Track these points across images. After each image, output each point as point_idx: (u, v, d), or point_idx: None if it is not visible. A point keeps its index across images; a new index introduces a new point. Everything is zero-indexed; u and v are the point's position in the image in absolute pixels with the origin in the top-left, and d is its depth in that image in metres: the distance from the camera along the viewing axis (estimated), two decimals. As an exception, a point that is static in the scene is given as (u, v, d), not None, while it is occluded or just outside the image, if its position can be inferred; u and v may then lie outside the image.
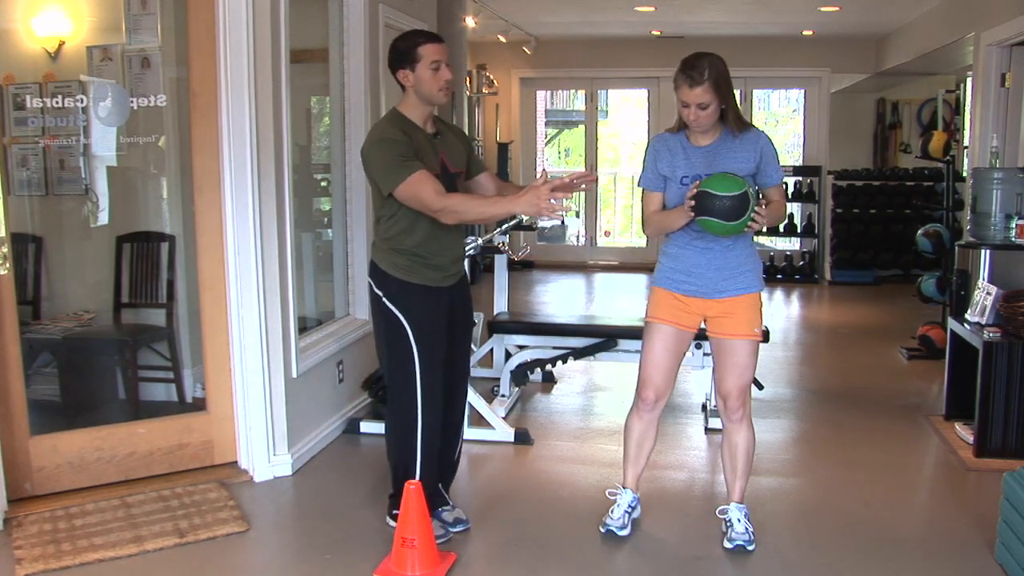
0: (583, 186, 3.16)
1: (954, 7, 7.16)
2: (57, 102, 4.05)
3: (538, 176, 2.99)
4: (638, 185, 3.29)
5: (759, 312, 3.21)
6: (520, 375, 4.91)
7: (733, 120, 3.09)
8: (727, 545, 3.27)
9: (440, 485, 3.45)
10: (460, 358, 3.48)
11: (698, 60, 3.00)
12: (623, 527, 3.35)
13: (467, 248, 4.09)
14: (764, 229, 3.21)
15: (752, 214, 2.95)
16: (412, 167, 3.03)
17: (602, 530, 3.36)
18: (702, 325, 3.27)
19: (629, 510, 3.38)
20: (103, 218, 4.75)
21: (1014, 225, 4.80)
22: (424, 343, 3.22)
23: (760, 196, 3.07)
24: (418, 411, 3.24)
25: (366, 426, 4.54)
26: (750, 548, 3.24)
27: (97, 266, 4.86)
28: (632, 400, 3.36)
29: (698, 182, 3.02)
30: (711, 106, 3.00)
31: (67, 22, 4.39)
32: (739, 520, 3.28)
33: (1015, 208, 4.97)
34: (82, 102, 4.07)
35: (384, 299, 3.23)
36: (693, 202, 2.98)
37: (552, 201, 2.91)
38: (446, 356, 3.34)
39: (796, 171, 10.37)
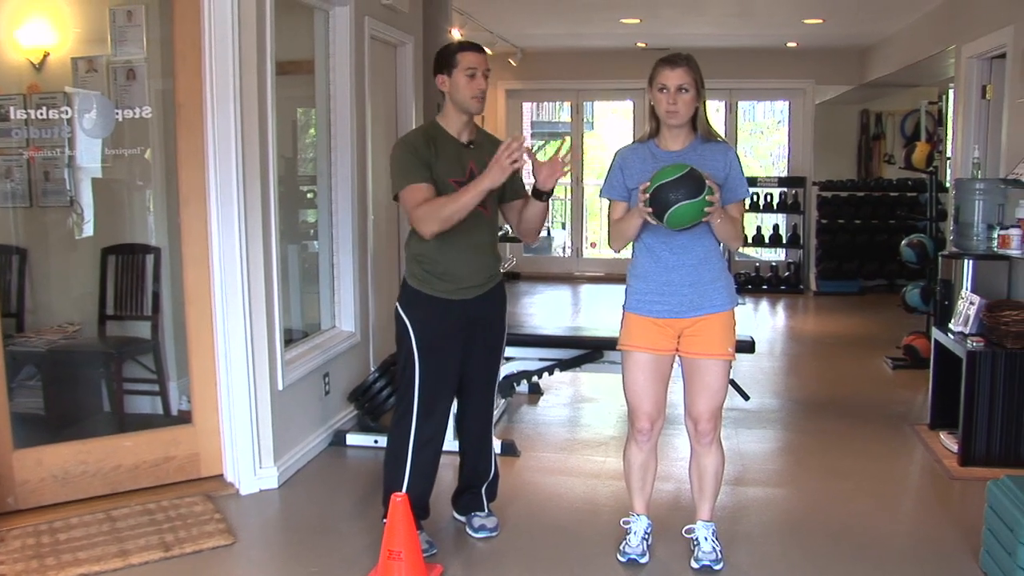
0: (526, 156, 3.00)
1: (936, 20, 7.23)
2: (42, 114, 4.03)
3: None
4: (600, 196, 3.21)
5: (733, 330, 3.11)
6: (506, 387, 4.90)
7: (703, 127, 3.06)
8: (693, 565, 3.20)
9: (483, 489, 3.51)
10: (475, 374, 3.37)
11: (676, 53, 3.05)
12: (643, 554, 3.23)
13: None
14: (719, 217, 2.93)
15: (709, 188, 2.83)
16: (415, 176, 3.08)
17: (622, 559, 3.23)
18: None
19: (646, 536, 3.27)
20: (88, 230, 4.73)
21: (996, 235, 4.83)
22: (426, 355, 3.22)
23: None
24: (412, 423, 3.24)
25: (352, 438, 4.52)
26: (717, 568, 3.18)
27: (82, 278, 4.83)
28: (627, 432, 3.26)
29: (646, 184, 2.89)
30: (690, 92, 2.97)
31: (52, 33, 4.38)
32: (706, 539, 3.22)
33: (997, 218, 5.02)
34: (67, 114, 4.05)
35: (398, 305, 3.29)
36: (651, 208, 2.86)
37: (511, 155, 2.93)
38: (460, 371, 3.31)
39: (781, 182, 10.46)
